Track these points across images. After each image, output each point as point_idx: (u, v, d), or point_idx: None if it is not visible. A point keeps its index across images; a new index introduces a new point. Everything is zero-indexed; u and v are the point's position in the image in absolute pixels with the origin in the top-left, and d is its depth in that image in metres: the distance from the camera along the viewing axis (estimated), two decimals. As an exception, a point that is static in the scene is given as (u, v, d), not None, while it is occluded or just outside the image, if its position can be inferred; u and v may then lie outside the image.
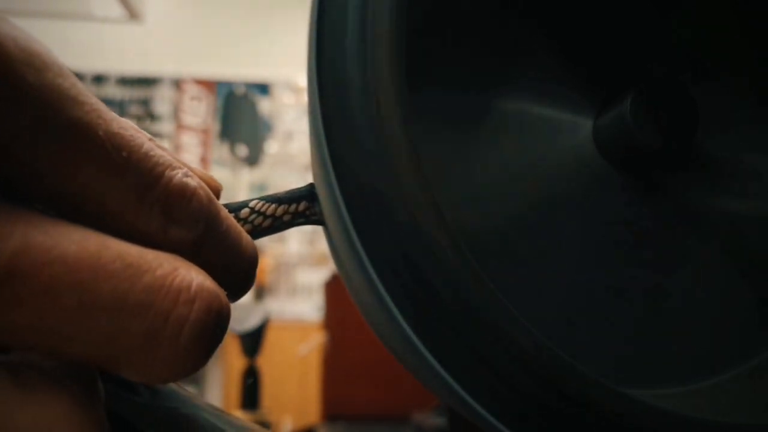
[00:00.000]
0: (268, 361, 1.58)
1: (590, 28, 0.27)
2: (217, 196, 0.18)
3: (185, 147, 3.55)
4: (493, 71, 0.26)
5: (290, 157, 3.59)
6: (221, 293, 0.15)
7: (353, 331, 1.40)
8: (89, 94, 0.14)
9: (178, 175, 0.15)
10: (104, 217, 0.14)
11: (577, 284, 0.26)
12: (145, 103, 3.56)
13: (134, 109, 3.55)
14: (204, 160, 3.55)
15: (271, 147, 3.59)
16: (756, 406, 0.24)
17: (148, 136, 0.15)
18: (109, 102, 3.52)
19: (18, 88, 0.12)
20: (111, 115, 0.14)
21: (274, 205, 0.19)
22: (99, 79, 3.50)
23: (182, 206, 0.15)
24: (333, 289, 1.45)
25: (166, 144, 3.53)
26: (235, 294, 0.18)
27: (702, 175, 0.27)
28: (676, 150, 0.25)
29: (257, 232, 0.19)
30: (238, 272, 0.17)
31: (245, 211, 0.19)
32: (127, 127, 0.14)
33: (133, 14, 2.74)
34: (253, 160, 3.58)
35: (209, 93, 3.58)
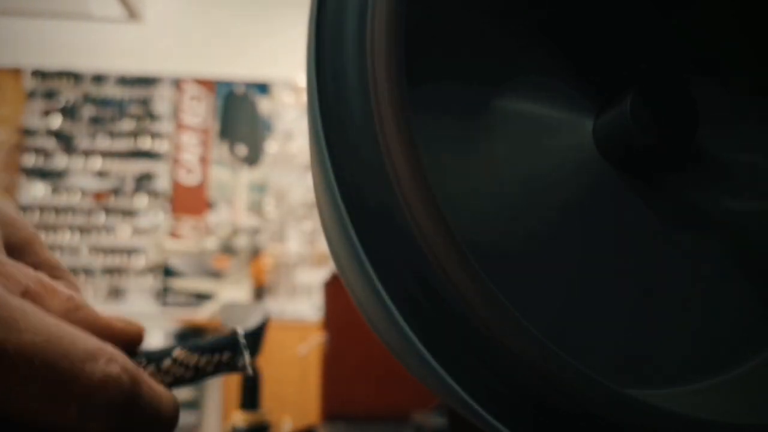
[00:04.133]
0: (268, 361, 1.57)
1: (591, 28, 0.27)
2: (140, 341, 0.19)
3: (185, 147, 3.55)
4: (493, 70, 0.26)
5: (290, 157, 3.58)
6: None
7: (353, 331, 1.40)
8: (8, 300, 0.14)
9: (100, 364, 0.15)
10: (23, 417, 0.14)
11: (577, 284, 0.25)
12: (145, 102, 3.55)
13: (134, 109, 3.54)
14: (203, 160, 3.55)
15: (271, 147, 3.59)
16: (756, 406, 0.24)
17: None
18: (108, 102, 3.52)
19: None
20: (31, 317, 0.15)
21: (197, 356, 0.19)
22: (99, 79, 3.50)
23: (100, 401, 0.16)
24: (333, 289, 1.45)
25: (166, 144, 3.53)
26: None
27: (702, 175, 0.27)
28: (676, 150, 0.25)
29: (178, 382, 0.19)
30: (159, 429, 0.18)
31: (168, 363, 0.19)
32: (49, 321, 0.15)
33: (133, 14, 2.74)
34: (252, 159, 3.58)
35: (209, 93, 3.57)
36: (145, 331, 0.19)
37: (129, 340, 0.18)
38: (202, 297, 2.86)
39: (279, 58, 3.50)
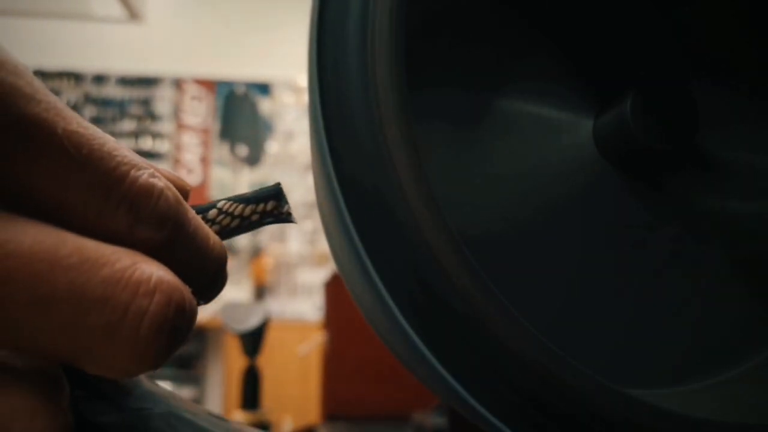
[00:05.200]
0: (268, 361, 1.58)
1: (591, 29, 0.27)
2: (186, 197, 0.18)
3: (185, 147, 3.55)
4: (494, 71, 0.26)
5: (290, 157, 3.58)
6: (184, 288, 0.15)
7: (353, 331, 1.40)
8: (48, 93, 0.14)
9: (144, 175, 0.15)
10: (65, 216, 0.14)
11: (577, 284, 0.26)
12: (146, 103, 3.55)
13: (134, 109, 3.55)
14: (204, 160, 3.55)
15: (271, 147, 3.59)
16: (756, 406, 0.24)
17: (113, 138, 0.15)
18: (109, 102, 3.52)
19: None
20: (71, 113, 0.14)
21: (242, 206, 0.19)
22: (99, 79, 3.50)
23: (149, 207, 0.15)
24: (333, 289, 1.45)
25: (166, 144, 3.53)
26: (205, 296, 0.18)
27: (702, 175, 0.27)
28: (676, 150, 0.25)
29: (225, 233, 0.19)
30: (206, 274, 0.17)
31: (213, 212, 0.19)
32: (88, 126, 0.14)
33: (133, 14, 2.74)
34: (253, 160, 3.58)
35: (209, 93, 3.57)
36: (191, 189, 0.19)
37: (177, 187, 0.17)
38: (202, 297, 2.86)
39: (280, 58, 3.50)
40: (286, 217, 0.20)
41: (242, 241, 3.47)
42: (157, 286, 0.14)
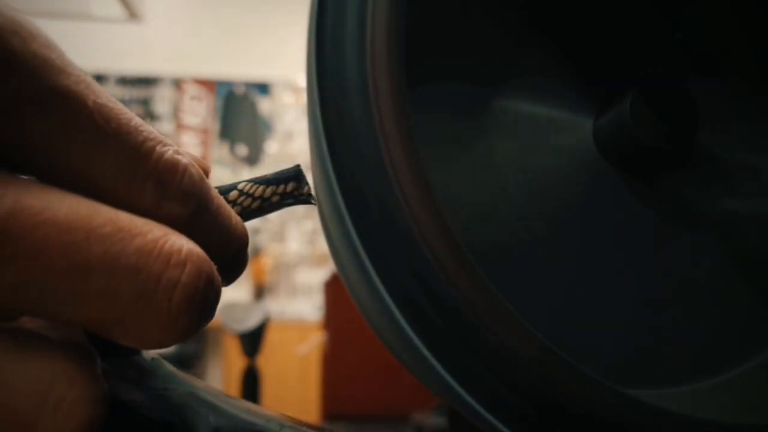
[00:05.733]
0: (268, 361, 1.58)
1: (590, 28, 0.27)
2: (207, 174, 0.18)
3: (185, 147, 3.55)
4: (493, 70, 0.26)
5: (290, 157, 3.58)
6: (211, 263, 0.15)
7: (353, 331, 1.40)
8: (77, 67, 0.14)
9: (169, 151, 0.15)
10: (96, 189, 0.14)
11: (577, 284, 0.26)
12: (145, 102, 3.56)
13: (134, 109, 3.53)
14: (204, 160, 3.55)
15: (271, 147, 3.59)
16: (756, 406, 0.24)
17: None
18: (108, 102, 3.52)
19: (2, 55, 0.12)
20: (100, 88, 0.14)
21: (262, 187, 0.19)
22: (99, 79, 3.50)
23: (175, 182, 0.15)
24: (333, 289, 1.45)
25: (166, 144, 3.53)
26: (226, 276, 0.18)
27: (702, 175, 0.27)
28: (676, 150, 0.25)
29: (247, 214, 0.19)
30: (228, 253, 0.17)
31: (234, 193, 0.19)
32: (116, 101, 0.15)
33: (133, 14, 2.74)
34: (252, 159, 3.58)
35: (209, 93, 3.57)
36: (210, 169, 0.19)
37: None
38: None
39: (279, 58, 3.50)
40: (306, 198, 0.20)
41: (242, 241, 3.47)
42: (188, 257, 0.14)
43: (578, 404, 0.19)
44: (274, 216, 3.53)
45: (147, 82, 3.55)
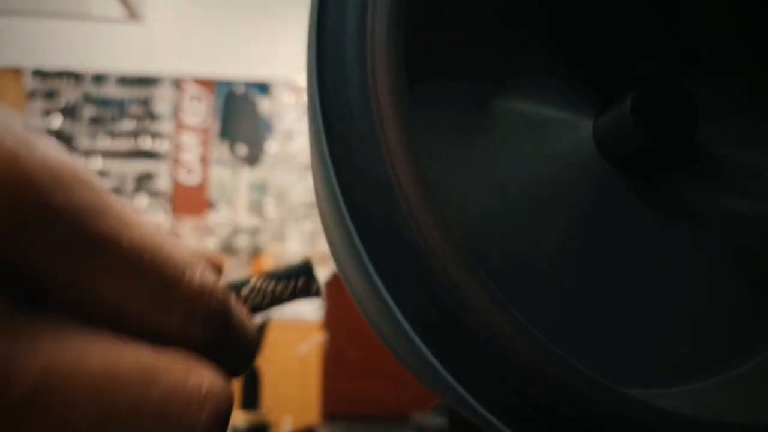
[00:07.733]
0: (268, 361, 1.57)
1: (590, 28, 0.27)
2: (221, 272, 0.19)
3: (185, 147, 3.55)
4: (494, 70, 0.26)
5: (290, 157, 3.58)
6: (228, 388, 0.16)
7: (353, 331, 1.40)
8: (115, 201, 0.14)
9: (197, 275, 0.16)
10: (126, 316, 0.15)
11: (577, 283, 0.26)
12: (145, 102, 3.55)
13: (134, 109, 3.54)
14: (204, 160, 3.55)
15: (271, 147, 3.59)
16: (756, 406, 0.24)
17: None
18: (108, 102, 3.52)
19: (47, 209, 0.13)
20: (137, 218, 0.15)
21: (273, 283, 0.20)
22: (99, 79, 3.50)
23: (201, 308, 0.16)
24: (333, 289, 1.45)
25: (166, 144, 3.53)
26: (238, 373, 0.19)
27: (701, 175, 0.27)
28: (676, 150, 0.25)
29: (256, 310, 0.20)
30: (243, 357, 0.18)
31: (246, 291, 0.20)
32: (148, 226, 0.15)
33: (133, 14, 2.74)
34: (253, 159, 3.58)
35: (209, 93, 3.57)
36: (224, 263, 0.20)
37: (213, 266, 0.18)
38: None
39: (279, 58, 3.50)
40: (315, 293, 0.20)
41: (242, 241, 3.47)
42: (208, 395, 0.15)
43: (579, 404, 0.19)
44: (274, 216, 3.53)
45: (147, 82, 3.55)
